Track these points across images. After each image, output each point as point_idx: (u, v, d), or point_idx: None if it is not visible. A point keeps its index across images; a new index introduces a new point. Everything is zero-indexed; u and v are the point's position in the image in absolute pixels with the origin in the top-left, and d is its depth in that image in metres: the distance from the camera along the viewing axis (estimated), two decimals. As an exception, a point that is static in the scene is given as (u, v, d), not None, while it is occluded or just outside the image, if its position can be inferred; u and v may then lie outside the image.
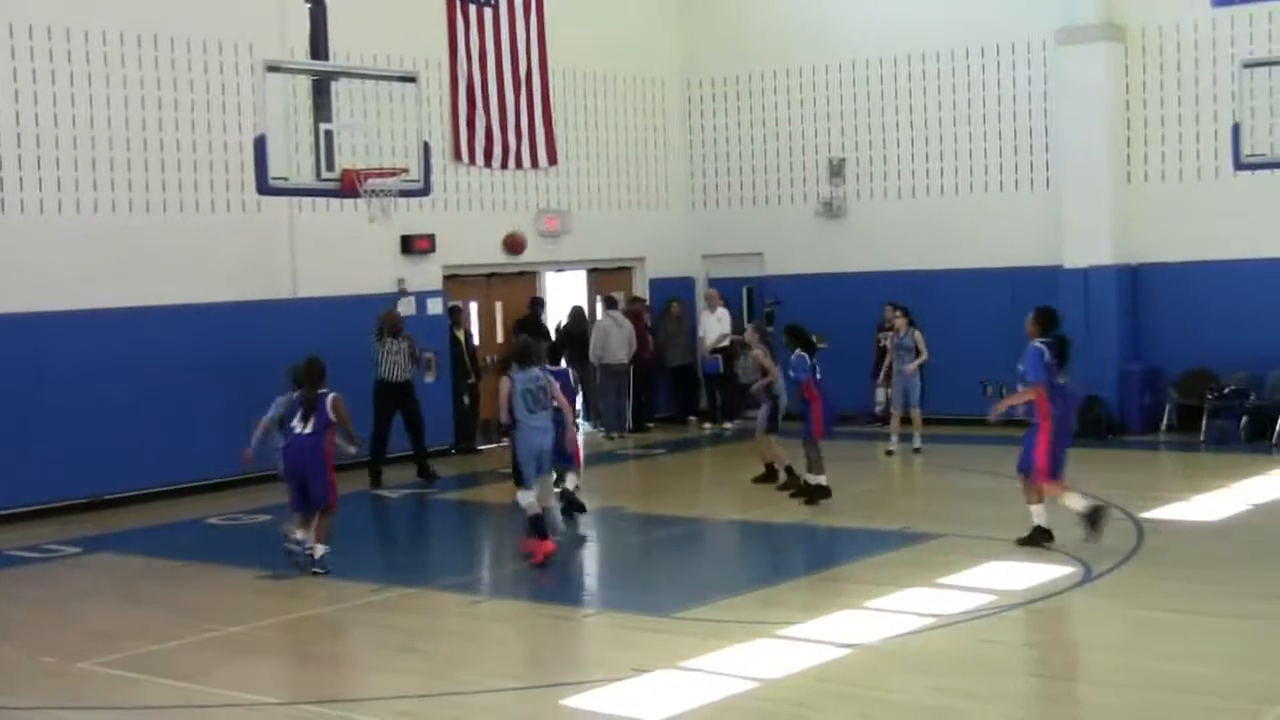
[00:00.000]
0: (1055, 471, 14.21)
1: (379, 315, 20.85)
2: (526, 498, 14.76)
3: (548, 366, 15.82)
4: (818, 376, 17.50)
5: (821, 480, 17.41)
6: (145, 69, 19.66)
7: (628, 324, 24.54)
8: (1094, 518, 14.01)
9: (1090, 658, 11.02)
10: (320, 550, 14.51)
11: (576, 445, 16.63)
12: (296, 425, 14.46)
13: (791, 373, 17.60)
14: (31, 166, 18.60)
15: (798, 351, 17.49)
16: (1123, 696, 10.03)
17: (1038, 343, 14.30)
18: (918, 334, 21.09)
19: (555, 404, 15.15)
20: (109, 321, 19.12)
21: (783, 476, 18.33)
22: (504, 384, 14.88)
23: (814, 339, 18.01)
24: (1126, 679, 10.43)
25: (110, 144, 19.30)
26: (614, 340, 24.24)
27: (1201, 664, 10.65)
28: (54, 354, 18.62)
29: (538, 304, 24.56)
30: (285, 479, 14.73)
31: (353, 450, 14.88)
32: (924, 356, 20.99)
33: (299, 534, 14.51)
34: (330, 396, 14.47)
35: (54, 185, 18.79)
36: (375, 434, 20.23)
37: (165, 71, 19.86)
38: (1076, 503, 14.18)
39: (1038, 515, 14.37)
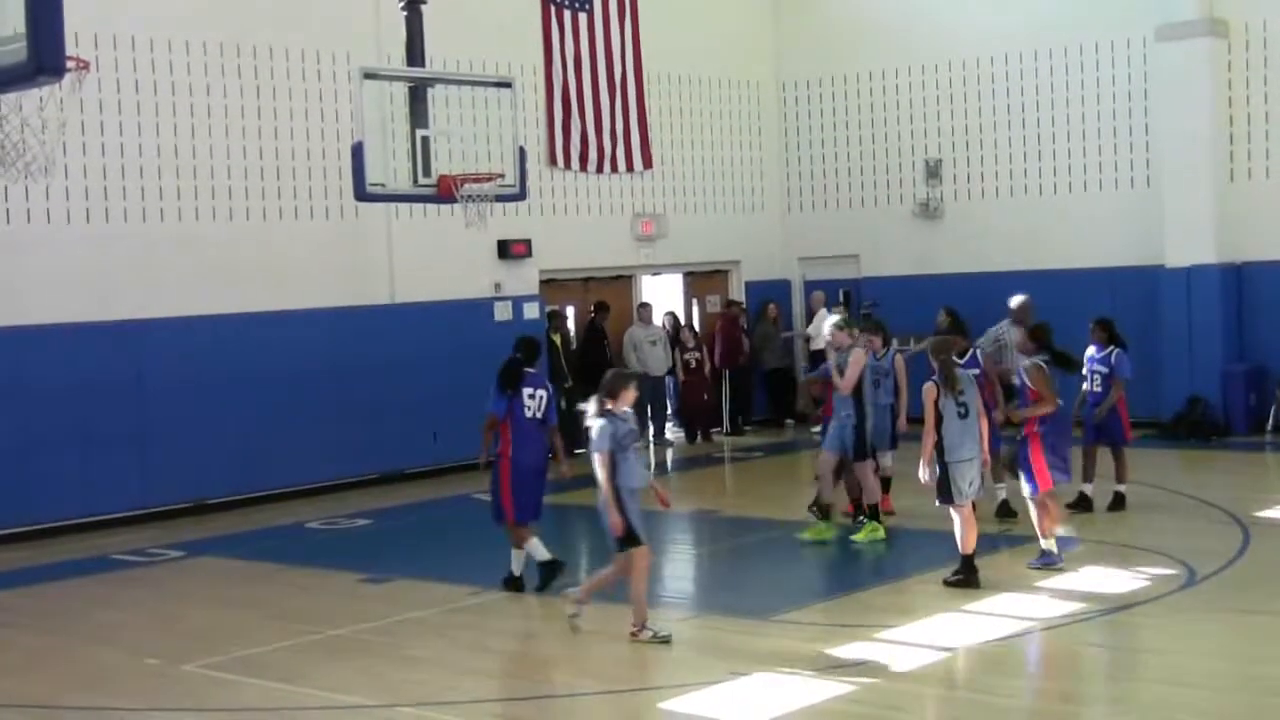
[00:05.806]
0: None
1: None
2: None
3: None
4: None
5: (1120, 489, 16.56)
6: (244, 78, 19.86)
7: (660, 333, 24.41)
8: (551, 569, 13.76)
9: (1188, 661, 10.87)
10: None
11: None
12: None
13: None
14: (134, 176, 18.84)
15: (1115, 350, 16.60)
16: (1215, 700, 9.91)
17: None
18: (899, 358, 16.26)
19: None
20: (210, 329, 19.32)
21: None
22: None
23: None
24: (1221, 682, 10.30)
25: (210, 152, 19.50)
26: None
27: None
28: (156, 361, 18.82)
29: (602, 308, 23.97)
30: None
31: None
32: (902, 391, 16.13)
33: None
34: None
35: (155, 194, 19.01)
36: None
37: (264, 80, 20.06)
38: (539, 551, 13.77)
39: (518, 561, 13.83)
